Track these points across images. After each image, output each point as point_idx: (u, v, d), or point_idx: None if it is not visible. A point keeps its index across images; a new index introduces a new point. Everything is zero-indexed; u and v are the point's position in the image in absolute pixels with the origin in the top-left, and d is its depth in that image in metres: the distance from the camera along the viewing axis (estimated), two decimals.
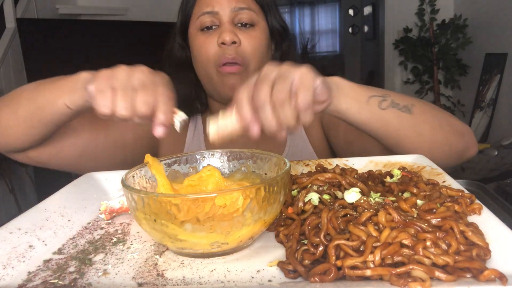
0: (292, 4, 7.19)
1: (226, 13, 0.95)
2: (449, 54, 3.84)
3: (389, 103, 0.76)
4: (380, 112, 0.76)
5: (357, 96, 0.74)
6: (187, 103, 1.07)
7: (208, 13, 0.96)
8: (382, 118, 0.76)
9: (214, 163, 0.66)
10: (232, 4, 0.95)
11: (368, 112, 0.75)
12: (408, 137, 0.78)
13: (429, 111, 0.82)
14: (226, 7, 0.95)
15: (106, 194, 0.74)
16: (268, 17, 1.02)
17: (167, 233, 0.49)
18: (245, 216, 0.49)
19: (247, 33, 0.96)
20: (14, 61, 2.82)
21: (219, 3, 0.95)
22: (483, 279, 0.39)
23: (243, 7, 0.96)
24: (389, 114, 0.76)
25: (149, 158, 0.60)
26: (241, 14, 0.96)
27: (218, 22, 0.96)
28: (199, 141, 1.09)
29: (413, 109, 0.78)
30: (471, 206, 0.53)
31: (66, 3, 3.59)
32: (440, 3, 3.88)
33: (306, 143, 1.09)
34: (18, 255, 0.53)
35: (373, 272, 0.42)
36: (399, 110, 0.77)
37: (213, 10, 0.95)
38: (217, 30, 0.96)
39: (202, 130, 1.11)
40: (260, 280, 0.46)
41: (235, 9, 0.95)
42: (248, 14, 0.97)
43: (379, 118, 0.76)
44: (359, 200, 0.53)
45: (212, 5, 0.96)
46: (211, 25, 0.96)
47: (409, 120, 0.77)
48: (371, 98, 0.75)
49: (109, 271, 0.50)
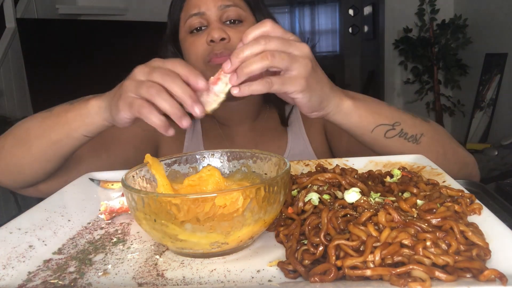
0: (292, 4, 7.19)
1: (213, 12, 0.95)
2: (449, 54, 3.84)
3: (396, 132, 0.76)
4: (384, 140, 0.76)
5: (363, 124, 0.74)
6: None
7: (196, 15, 0.95)
8: (386, 145, 0.77)
9: (214, 163, 0.66)
10: (218, 3, 0.95)
11: (371, 138, 0.76)
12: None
13: (437, 140, 0.82)
14: (212, 6, 0.94)
15: (106, 194, 0.74)
16: (256, 13, 1.01)
17: (167, 233, 0.49)
18: (245, 216, 0.49)
19: (236, 29, 0.95)
20: (14, 61, 2.82)
21: (205, 4, 0.95)
22: (483, 279, 0.39)
23: (229, 4, 0.95)
24: (393, 142, 0.77)
25: (149, 158, 0.60)
26: (228, 11, 0.95)
27: (206, 22, 0.96)
28: (198, 143, 1.09)
29: (421, 139, 0.79)
30: (471, 206, 0.53)
31: (66, 3, 3.59)
32: (440, 3, 3.88)
33: (307, 144, 1.09)
34: (18, 255, 0.53)
35: (373, 272, 0.42)
36: (405, 139, 0.77)
37: (199, 11, 0.95)
38: (205, 30, 0.96)
39: (201, 131, 1.10)
40: (260, 280, 0.46)
41: (222, 7, 0.95)
42: (235, 11, 0.96)
43: (382, 144, 0.77)
44: (359, 200, 0.53)
45: (198, 6, 0.95)
46: (199, 26, 0.96)
47: (413, 150, 0.78)
48: (378, 127, 0.75)
49: (109, 271, 0.50)
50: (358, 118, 0.74)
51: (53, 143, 0.77)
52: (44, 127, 0.78)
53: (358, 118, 0.74)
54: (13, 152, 0.81)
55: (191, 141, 1.10)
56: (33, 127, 0.80)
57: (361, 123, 0.74)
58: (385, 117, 0.77)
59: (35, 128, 0.79)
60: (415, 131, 0.78)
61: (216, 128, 1.10)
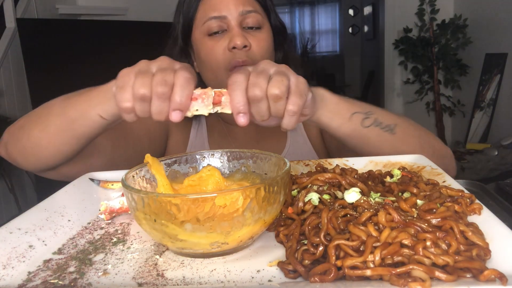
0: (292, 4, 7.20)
1: (234, 17, 0.93)
2: (449, 54, 3.84)
3: (371, 121, 0.77)
4: (361, 129, 0.77)
5: (340, 112, 0.75)
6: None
7: (216, 18, 0.93)
8: (363, 135, 0.77)
9: (214, 163, 0.66)
10: (240, 8, 0.93)
11: (349, 128, 0.76)
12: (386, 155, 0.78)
13: (412, 132, 0.83)
14: (234, 11, 0.93)
15: (106, 194, 0.74)
16: (271, 18, 1.01)
17: (167, 233, 0.49)
18: (245, 216, 0.49)
19: (256, 36, 0.95)
20: (14, 61, 2.82)
21: (227, 7, 0.93)
22: (483, 279, 0.39)
23: (251, 10, 0.94)
24: (370, 132, 0.77)
25: (149, 158, 0.60)
26: (249, 17, 0.94)
27: (226, 26, 0.94)
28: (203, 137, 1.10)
29: (395, 129, 0.79)
30: (471, 206, 0.53)
31: (66, 3, 3.59)
32: (440, 3, 3.88)
33: (306, 140, 1.11)
34: (18, 255, 0.53)
35: (373, 272, 0.42)
36: (381, 129, 0.78)
37: (220, 15, 0.93)
38: (225, 34, 0.94)
39: (206, 130, 1.11)
40: (260, 280, 0.46)
41: (243, 13, 0.94)
42: (255, 17, 0.95)
43: (360, 134, 0.77)
44: (359, 200, 0.53)
45: (219, 9, 0.93)
46: (218, 29, 0.94)
47: (389, 140, 0.79)
48: (354, 115, 0.76)
49: (109, 271, 0.50)
50: (335, 105, 0.74)
51: (69, 123, 0.73)
52: (64, 106, 0.75)
53: (335, 105, 0.74)
54: (31, 133, 0.78)
55: (196, 135, 1.11)
56: (54, 104, 0.77)
57: (340, 110, 0.75)
58: (358, 105, 0.78)
59: (56, 106, 0.77)
60: (389, 121, 0.79)
61: (221, 124, 1.12)
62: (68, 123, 0.73)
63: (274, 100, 0.60)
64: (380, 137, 0.78)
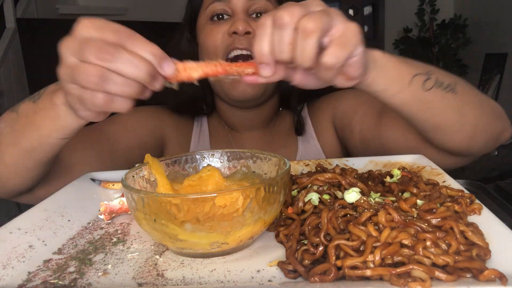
0: None
1: (240, 1, 0.88)
2: (449, 54, 3.84)
3: (433, 82, 0.65)
4: (423, 93, 0.65)
5: (400, 76, 0.62)
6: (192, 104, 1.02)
7: (220, 0, 0.88)
8: (425, 100, 0.66)
9: (214, 163, 0.66)
10: None
11: (409, 94, 0.64)
12: (450, 120, 0.69)
13: (470, 90, 0.71)
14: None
15: (106, 194, 0.74)
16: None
17: (167, 233, 0.49)
18: (245, 216, 0.49)
19: None
20: (14, 61, 2.82)
21: None
22: (483, 279, 0.39)
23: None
24: (433, 96, 0.66)
25: (149, 158, 0.60)
26: (256, 3, 0.88)
27: (230, 11, 0.89)
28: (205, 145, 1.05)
29: (457, 88, 0.68)
30: (471, 206, 0.53)
31: (66, 3, 3.59)
32: (440, 3, 3.88)
33: (319, 150, 1.03)
34: (18, 255, 0.53)
35: (373, 272, 0.42)
36: (443, 90, 0.67)
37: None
38: (228, 20, 0.89)
39: (208, 133, 1.06)
40: (260, 280, 0.46)
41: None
42: (264, 4, 0.89)
43: (421, 100, 0.66)
44: (359, 200, 0.53)
45: None
46: (222, 13, 0.89)
47: (453, 102, 0.68)
48: (415, 78, 0.64)
49: (109, 271, 0.50)
50: (394, 70, 0.62)
51: (26, 152, 0.65)
52: (13, 133, 0.66)
53: (394, 70, 0.62)
54: None
55: (197, 143, 1.05)
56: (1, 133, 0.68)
57: (399, 74, 0.62)
58: (417, 66, 0.65)
59: (3, 135, 0.68)
60: (449, 79, 0.68)
61: (225, 130, 1.06)
62: (25, 153, 0.66)
63: (303, 33, 0.47)
64: (443, 99, 0.67)
